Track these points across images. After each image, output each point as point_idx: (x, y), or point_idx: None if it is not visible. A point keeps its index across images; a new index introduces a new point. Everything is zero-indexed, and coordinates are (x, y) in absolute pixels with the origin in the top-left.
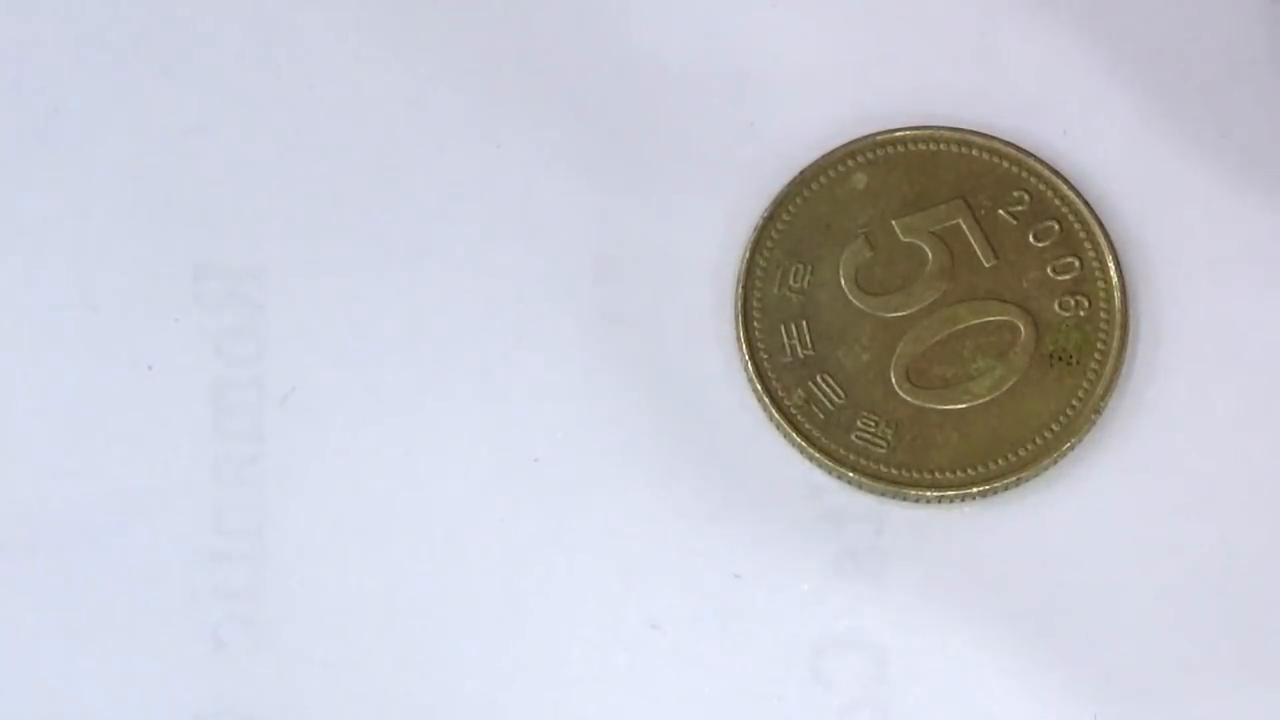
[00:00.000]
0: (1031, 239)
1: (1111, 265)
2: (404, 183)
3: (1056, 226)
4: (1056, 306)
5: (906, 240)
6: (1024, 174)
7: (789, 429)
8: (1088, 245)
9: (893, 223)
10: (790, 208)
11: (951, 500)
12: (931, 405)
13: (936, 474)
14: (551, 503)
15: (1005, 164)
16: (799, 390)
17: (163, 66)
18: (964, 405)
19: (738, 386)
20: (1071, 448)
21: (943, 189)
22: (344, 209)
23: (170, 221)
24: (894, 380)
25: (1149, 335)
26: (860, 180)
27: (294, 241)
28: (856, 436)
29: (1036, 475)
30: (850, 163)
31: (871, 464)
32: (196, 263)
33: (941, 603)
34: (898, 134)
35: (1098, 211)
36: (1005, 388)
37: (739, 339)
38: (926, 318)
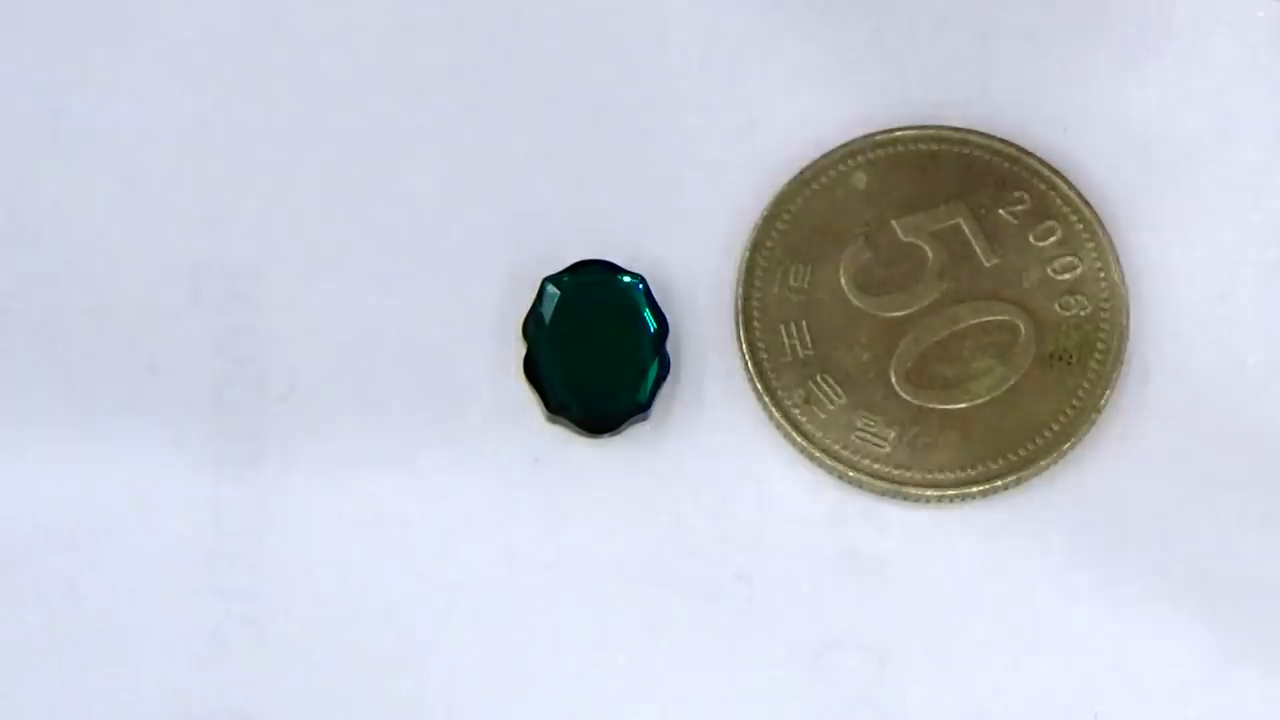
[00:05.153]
0: (1031, 239)
1: (1112, 265)
2: (402, 182)
3: (1057, 226)
4: (1056, 306)
5: (906, 240)
6: (1024, 174)
7: (789, 429)
8: (1088, 245)
9: (893, 223)
10: (790, 208)
11: (951, 500)
12: (931, 405)
13: (936, 474)
14: (551, 502)
15: (1005, 164)
16: (799, 390)
17: (163, 66)
18: (964, 405)
19: (738, 386)
20: (1071, 448)
21: (943, 189)
22: (344, 208)
23: (170, 221)
24: (894, 380)
25: (1149, 335)
26: (860, 180)
27: (294, 241)
28: (856, 436)
29: (1036, 475)
30: (850, 163)
31: (871, 464)
32: (196, 263)
33: (941, 603)
34: (898, 134)
35: (1098, 211)
36: (1005, 388)
37: (739, 339)
38: (926, 318)
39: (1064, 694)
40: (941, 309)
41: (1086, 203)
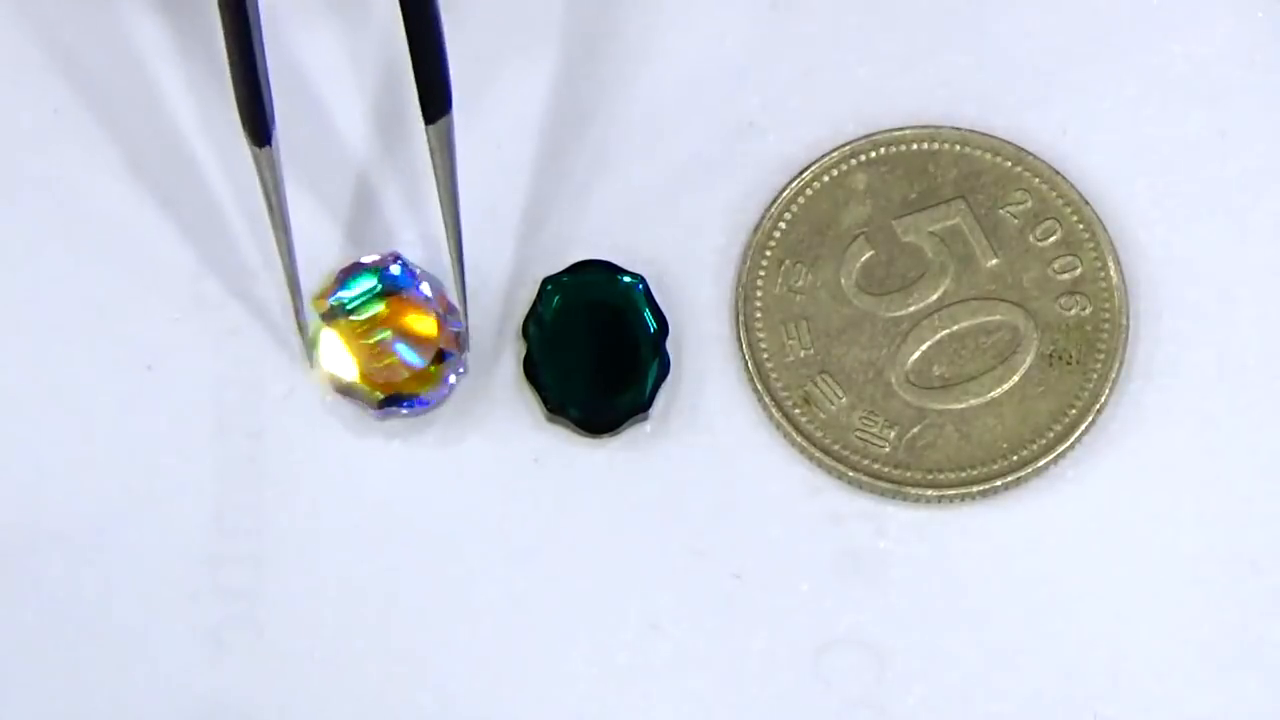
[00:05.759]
0: (1032, 238)
1: (1111, 265)
2: (402, 181)
3: (1057, 226)
4: (1056, 306)
5: (906, 240)
6: (1024, 173)
7: (789, 429)
8: (1088, 245)
9: (893, 223)
10: (790, 208)
11: (951, 500)
12: (931, 405)
13: (936, 474)
14: (551, 502)
15: (1005, 164)
16: (799, 390)
17: (164, 67)
18: (964, 405)
19: (738, 386)
20: (1071, 448)
21: (943, 189)
22: (343, 207)
23: (170, 222)
24: (894, 380)
25: (1149, 335)
26: (860, 180)
27: (292, 241)
28: (856, 436)
29: (1036, 475)
30: (850, 163)
31: (871, 464)
32: (196, 262)
33: (941, 603)
34: (898, 134)
35: (1098, 211)
36: (1005, 388)
37: (739, 339)
38: (926, 318)
39: (1064, 694)
40: (941, 309)
41: (1086, 202)
